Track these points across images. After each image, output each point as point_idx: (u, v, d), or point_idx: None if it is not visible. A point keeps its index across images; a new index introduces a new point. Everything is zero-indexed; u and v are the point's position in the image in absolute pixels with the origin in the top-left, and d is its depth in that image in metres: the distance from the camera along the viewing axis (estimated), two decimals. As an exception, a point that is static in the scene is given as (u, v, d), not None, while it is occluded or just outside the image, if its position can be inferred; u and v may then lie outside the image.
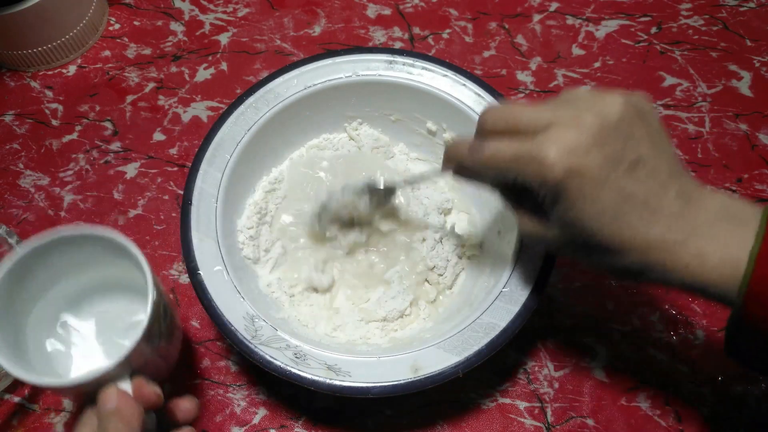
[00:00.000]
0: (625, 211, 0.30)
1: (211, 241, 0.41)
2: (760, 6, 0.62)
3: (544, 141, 0.30)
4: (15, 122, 0.56)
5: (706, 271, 0.30)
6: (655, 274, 0.31)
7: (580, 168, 0.30)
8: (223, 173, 0.44)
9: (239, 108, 0.46)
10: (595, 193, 0.30)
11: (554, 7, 0.62)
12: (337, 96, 0.48)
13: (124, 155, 0.54)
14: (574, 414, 0.44)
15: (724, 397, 0.44)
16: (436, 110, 0.48)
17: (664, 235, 0.30)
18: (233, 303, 0.39)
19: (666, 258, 0.30)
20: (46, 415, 0.44)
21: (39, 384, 0.32)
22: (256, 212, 0.46)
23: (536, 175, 0.30)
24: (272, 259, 0.46)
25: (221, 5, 0.63)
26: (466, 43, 0.60)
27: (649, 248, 0.31)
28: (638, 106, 0.32)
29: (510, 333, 0.38)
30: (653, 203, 0.30)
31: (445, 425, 0.43)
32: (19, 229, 0.51)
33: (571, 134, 0.30)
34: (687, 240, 0.30)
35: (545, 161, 0.30)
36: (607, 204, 0.30)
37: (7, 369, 0.32)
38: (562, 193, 0.30)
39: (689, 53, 0.59)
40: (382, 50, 0.48)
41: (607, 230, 0.31)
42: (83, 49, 0.59)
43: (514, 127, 0.32)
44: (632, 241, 0.31)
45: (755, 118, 0.55)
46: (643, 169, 0.31)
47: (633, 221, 0.30)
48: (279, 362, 0.37)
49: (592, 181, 0.30)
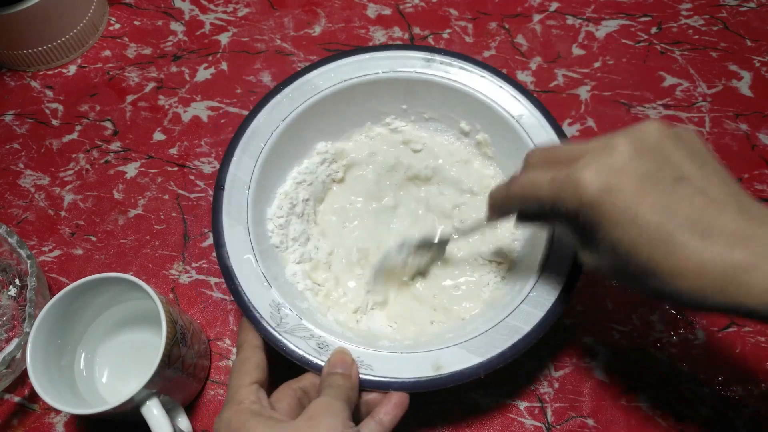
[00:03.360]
0: (672, 229, 0.28)
1: (241, 228, 0.41)
2: (761, 6, 0.62)
3: (579, 164, 0.30)
4: (15, 122, 0.56)
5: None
6: (721, 302, 0.28)
7: (616, 184, 0.29)
8: (256, 161, 0.44)
9: (276, 97, 0.46)
10: (636, 210, 0.29)
11: (554, 7, 0.62)
12: (373, 91, 0.48)
13: (124, 155, 0.54)
14: (574, 414, 0.44)
15: (725, 397, 0.44)
16: (471, 110, 0.47)
17: (726, 258, 0.27)
18: (260, 289, 0.39)
19: (733, 284, 0.27)
20: (46, 415, 0.44)
21: (76, 413, 0.35)
22: (287, 202, 0.46)
23: (572, 197, 0.30)
24: (298, 251, 0.46)
25: (221, 5, 0.63)
26: (467, 43, 0.60)
27: (705, 272, 0.28)
28: (678, 131, 0.31)
29: (534, 337, 0.38)
30: (705, 222, 0.28)
31: (445, 425, 0.43)
32: (19, 228, 0.51)
33: (605, 156, 0.30)
34: (758, 262, 0.27)
35: (580, 181, 0.29)
36: (650, 222, 0.28)
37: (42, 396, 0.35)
38: (600, 214, 0.29)
39: (689, 53, 0.59)
40: (420, 48, 0.48)
41: (653, 251, 0.29)
42: (83, 48, 0.59)
43: (553, 159, 0.32)
44: (685, 263, 0.28)
45: (755, 118, 0.55)
46: (687, 187, 0.29)
47: (683, 241, 0.28)
48: (302, 351, 0.37)
49: (630, 197, 0.29)
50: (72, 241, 0.50)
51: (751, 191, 0.52)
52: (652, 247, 0.29)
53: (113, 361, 0.43)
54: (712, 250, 0.28)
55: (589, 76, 0.58)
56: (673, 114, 0.56)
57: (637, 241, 0.29)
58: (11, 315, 0.46)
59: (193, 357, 0.41)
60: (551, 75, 0.58)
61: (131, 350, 0.44)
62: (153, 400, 0.37)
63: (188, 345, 0.40)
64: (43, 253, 0.50)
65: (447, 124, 0.50)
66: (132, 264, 0.49)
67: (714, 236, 0.28)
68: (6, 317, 0.46)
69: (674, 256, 0.28)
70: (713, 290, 0.28)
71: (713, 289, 0.28)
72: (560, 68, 0.58)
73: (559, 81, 0.58)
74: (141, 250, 0.50)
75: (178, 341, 0.38)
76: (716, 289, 0.28)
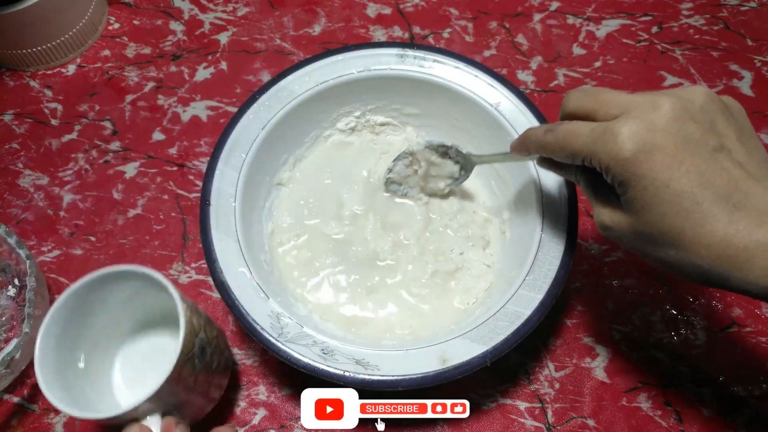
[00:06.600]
0: (704, 198, 0.27)
1: (232, 240, 0.41)
2: (761, 6, 0.62)
3: (619, 119, 0.29)
4: (14, 122, 0.56)
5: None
6: (740, 281, 0.27)
7: (654, 145, 0.28)
8: (239, 172, 0.44)
9: (253, 107, 0.46)
10: (670, 174, 0.28)
11: (555, 7, 0.62)
12: (350, 91, 0.48)
13: (124, 155, 0.54)
14: (574, 414, 0.43)
15: (725, 397, 0.44)
16: (449, 102, 0.48)
17: (751, 234, 0.27)
18: (257, 301, 0.39)
19: (753, 260, 0.27)
20: (45, 415, 0.44)
21: (77, 416, 0.33)
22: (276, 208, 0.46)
23: (608, 152, 0.29)
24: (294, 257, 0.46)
25: (221, 4, 0.62)
26: (467, 43, 0.60)
27: (730, 245, 0.27)
28: (726, 101, 0.30)
29: (535, 321, 0.38)
30: (738, 196, 0.27)
31: (446, 425, 0.43)
32: (18, 228, 0.51)
33: (648, 114, 0.28)
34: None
35: (618, 137, 0.28)
36: (683, 188, 0.27)
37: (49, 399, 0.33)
38: (634, 172, 0.28)
39: (690, 53, 0.59)
40: (392, 44, 0.48)
41: (682, 219, 0.28)
42: (83, 48, 0.59)
43: (593, 110, 0.31)
44: (711, 235, 0.27)
45: (756, 117, 0.55)
46: (727, 158, 0.28)
47: (713, 212, 0.27)
48: (307, 359, 0.37)
49: (667, 160, 0.28)
50: (71, 241, 0.50)
51: (752, 191, 0.52)
52: (681, 214, 0.28)
53: (132, 365, 0.42)
54: (738, 225, 0.27)
55: (589, 75, 0.58)
56: (674, 114, 0.56)
57: (667, 207, 0.28)
58: (10, 315, 0.46)
59: (209, 375, 0.38)
60: (552, 74, 0.58)
61: (153, 354, 0.42)
62: (155, 416, 0.34)
63: (207, 361, 0.37)
64: (42, 253, 0.50)
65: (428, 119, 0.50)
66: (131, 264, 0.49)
67: (744, 210, 0.27)
68: (5, 317, 0.46)
69: (702, 227, 0.27)
70: (733, 266, 0.27)
71: (733, 265, 0.27)
72: (561, 68, 0.58)
73: (560, 80, 0.58)
74: (140, 250, 0.50)
75: (195, 356, 0.35)
76: (736, 266, 0.27)
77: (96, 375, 0.40)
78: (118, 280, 0.37)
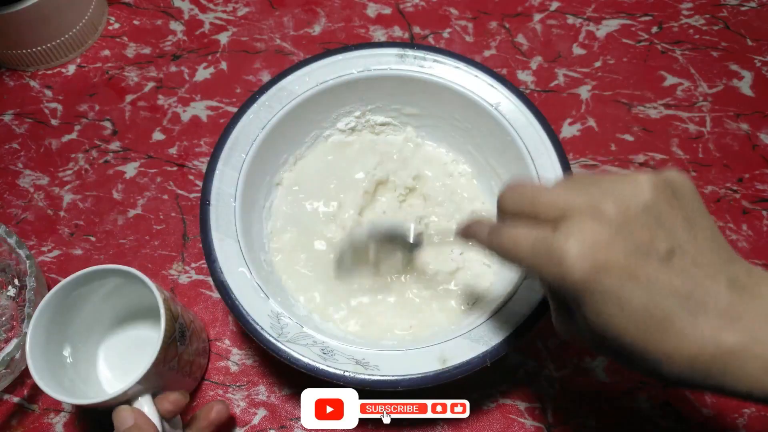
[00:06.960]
0: (664, 312, 0.26)
1: (232, 241, 0.41)
2: (762, 5, 0.62)
3: (561, 232, 0.26)
4: (14, 122, 0.56)
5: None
6: (712, 385, 0.26)
7: (605, 263, 0.25)
8: (239, 172, 0.44)
9: (253, 107, 0.46)
10: (624, 292, 0.26)
11: (555, 7, 0.62)
12: (350, 91, 0.48)
13: (124, 155, 0.54)
14: (574, 414, 0.43)
15: (725, 397, 0.44)
16: (449, 102, 0.47)
17: (717, 341, 0.25)
18: (257, 301, 0.39)
19: (725, 367, 0.25)
20: (45, 415, 0.44)
21: (71, 402, 0.36)
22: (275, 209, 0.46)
23: (553, 274, 0.27)
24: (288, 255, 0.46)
25: (221, 4, 0.62)
26: (467, 43, 0.60)
27: (697, 357, 0.26)
28: (671, 184, 0.28)
29: (535, 321, 0.38)
30: (699, 297, 0.26)
31: (446, 425, 0.43)
32: (18, 228, 0.51)
33: (590, 226, 0.26)
34: (748, 344, 0.25)
35: (564, 261, 0.26)
36: (640, 304, 0.26)
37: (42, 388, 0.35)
38: (586, 290, 0.26)
39: (690, 53, 0.59)
40: (392, 44, 0.48)
41: (643, 336, 0.26)
42: (82, 48, 0.59)
43: (532, 212, 0.29)
44: (678, 349, 0.26)
45: (756, 118, 0.55)
46: (681, 259, 0.26)
47: (676, 323, 0.26)
48: (307, 359, 0.37)
49: (620, 275, 0.25)
50: (71, 241, 0.50)
51: (752, 191, 0.52)
52: (643, 331, 0.26)
53: (116, 356, 0.44)
54: (703, 333, 0.26)
55: (589, 75, 0.58)
56: (674, 114, 0.56)
57: (626, 325, 0.26)
58: (10, 315, 0.46)
59: (191, 355, 0.41)
60: (552, 74, 0.58)
61: (134, 345, 0.44)
62: (145, 396, 0.37)
63: (187, 343, 0.40)
64: (42, 253, 0.50)
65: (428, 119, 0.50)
66: (131, 264, 0.49)
67: (706, 313, 0.26)
68: (5, 317, 0.46)
69: (666, 343, 0.26)
70: (705, 375, 0.26)
71: (705, 373, 0.26)
72: (561, 68, 0.58)
73: (560, 80, 0.58)
74: (140, 250, 0.50)
75: (176, 339, 0.38)
76: (708, 374, 0.26)
77: (83, 365, 0.42)
78: (99, 277, 0.39)
